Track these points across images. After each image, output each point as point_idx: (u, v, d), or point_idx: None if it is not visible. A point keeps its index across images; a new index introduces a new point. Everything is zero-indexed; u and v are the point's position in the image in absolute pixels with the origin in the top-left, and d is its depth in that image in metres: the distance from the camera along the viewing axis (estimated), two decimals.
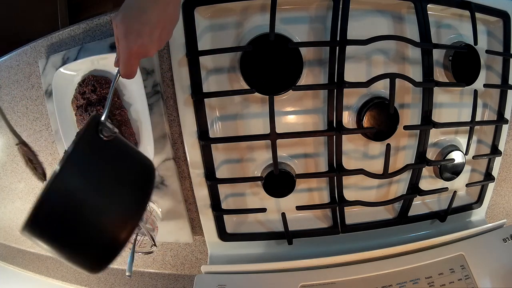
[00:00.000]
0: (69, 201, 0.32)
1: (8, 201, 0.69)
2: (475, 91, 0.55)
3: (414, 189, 0.58)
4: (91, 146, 0.35)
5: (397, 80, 0.49)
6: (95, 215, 0.34)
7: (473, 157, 0.59)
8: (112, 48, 0.54)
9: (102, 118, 0.37)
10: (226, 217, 0.58)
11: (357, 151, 0.56)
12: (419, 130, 0.55)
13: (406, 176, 0.58)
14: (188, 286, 0.68)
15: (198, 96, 0.50)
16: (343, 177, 0.55)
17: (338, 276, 0.50)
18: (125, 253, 0.68)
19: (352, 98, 0.54)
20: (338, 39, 0.49)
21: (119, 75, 0.38)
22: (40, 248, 0.34)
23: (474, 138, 0.61)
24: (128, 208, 0.36)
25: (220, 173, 0.56)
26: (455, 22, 0.56)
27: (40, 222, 0.31)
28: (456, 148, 0.58)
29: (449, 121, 0.56)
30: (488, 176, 0.62)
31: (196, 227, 0.62)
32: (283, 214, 0.56)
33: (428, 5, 0.51)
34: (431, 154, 0.59)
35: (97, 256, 0.35)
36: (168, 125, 0.56)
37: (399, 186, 0.60)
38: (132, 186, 0.38)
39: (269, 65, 0.50)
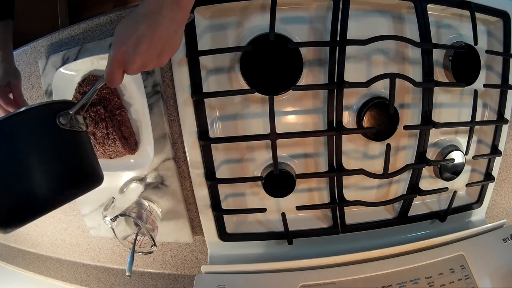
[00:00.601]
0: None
1: None
2: (475, 91, 0.55)
3: (414, 189, 0.58)
4: (42, 121, 0.37)
5: (397, 80, 0.49)
6: (10, 173, 0.36)
7: (473, 157, 0.59)
8: None
9: (71, 111, 0.38)
10: (226, 217, 0.58)
11: (357, 151, 0.56)
12: (419, 130, 0.55)
13: (406, 176, 0.58)
14: (188, 286, 0.68)
15: (198, 96, 0.50)
16: (343, 177, 0.55)
17: (338, 276, 0.50)
18: (125, 253, 0.68)
19: (352, 98, 0.54)
20: (338, 39, 0.49)
21: (103, 80, 0.38)
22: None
23: (474, 138, 0.61)
24: (48, 189, 0.38)
25: (220, 173, 0.56)
26: (455, 22, 0.56)
27: None
28: (456, 148, 0.58)
29: (449, 121, 0.56)
30: (488, 176, 0.62)
31: (196, 227, 0.62)
32: (283, 214, 0.56)
33: (428, 5, 0.51)
34: (431, 154, 0.59)
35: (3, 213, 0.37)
36: (168, 125, 0.56)
37: (399, 186, 0.60)
38: (59, 175, 0.39)
39: (269, 65, 0.50)
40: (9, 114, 0.35)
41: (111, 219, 0.53)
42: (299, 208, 0.55)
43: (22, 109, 0.36)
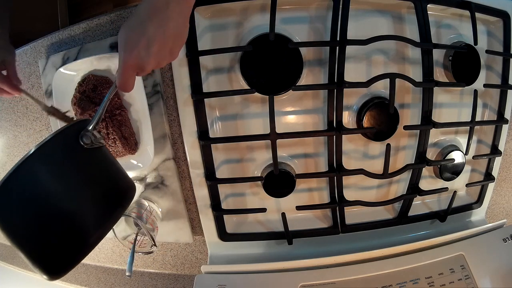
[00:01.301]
0: (33, 190, 0.32)
1: None
2: (475, 91, 0.55)
3: (414, 189, 0.58)
4: (67, 147, 0.35)
5: (397, 80, 0.49)
6: (55, 212, 0.34)
7: (473, 157, 0.59)
8: (112, 48, 0.54)
9: (90, 127, 0.37)
10: (226, 217, 0.58)
11: (357, 151, 0.56)
12: (419, 130, 0.55)
13: (406, 176, 0.58)
14: (188, 286, 0.68)
15: (198, 96, 0.50)
16: (343, 177, 0.55)
17: (338, 276, 0.50)
18: (125, 253, 0.68)
19: (352, 98, 0.54)
20: (338, 39, 0.49)
21: (116, 88, 0.37)
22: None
23: (474, 138, 0.61)
24: (93, 218, 0.36)
25: (220, 173, 0.56)
26: (455, 22, 0.56)
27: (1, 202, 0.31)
28: (456, 148, 0.58)
29: (449, 121, 0.56)
30: (488, 176, 0.62)
31: (196, 227, 0.62)
32: (283, 214, 0.56)
33: (428, 5, 0.51)
34: (431, 154, 0.59)
35: (53, 257, 0.35)
36: (168, 125, 0.56)
37: (399, 186, 0.60)
38: (102, 199, 0.37)
39: (269, 65, 0.50)
40: (28, 154, 0.32)
41: None
42: (299, 208, 0.55)
43: (41, 143, 0.33)
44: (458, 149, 0.58)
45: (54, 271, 0.35)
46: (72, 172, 0.35)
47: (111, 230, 0.54)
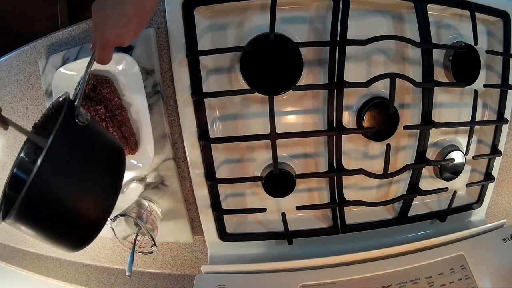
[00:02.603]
0: (52, 188, 0.34)
1: None
2: (475, 91, 0.55)
3: (414, 189, 0.58)
4: (69, 133, 0.36)
5: (397, 80, 0.49)
6: (75, 199, 0.35)
7: (473, 157, 0.59)
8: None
9: (76, 103, 0.37)
10: (226, 217, 0.58)
11: (357, 151, 0.56)
12: (419, 130, 0.55)
13: (406, 176, 0.58)
14: (188, 286, 0.68)
15: (198, 96, 0.50)
16: (343, 177, 0.55)
17: (338, 276, 0.50)
18: (125, 253, 0.68)
19: (352, 98, 0.54)
20: (338, 39, 0.49)
21: (94, 60, 0.39)
22: (29, 236, 0.35)
23: (474, 138, 0.61)
24: (105, 189, 0.38)
25: (220, 173, 0.56)
26: (455, 22, 0.56)
27: (26, 210, 0.32)
28: (456, 148, 0.58)
29: (449, 121, 0.56)
30: (488, 176, 0.62)
31: (196, 227, 0.62)
32: (283, 214, 0.56)
33: (428, 5, 0.51)
34: (431, 154, 0.59)
35: (78, 236, 0.38)
36: (168, 125, 0.56)
37: (399, 186, 0.60)
38: (106, 168, 0.39)
39: (269, 65, 0.50)
40: (45, 150, 0.32)
41: (111, 219, 0.53)
42: (299, 208, 0.55)
43: (52, 137, 0.33)
44: (458, 149, 0.58)
45: (80, 245, 0.38)
46: (80, 154, 0.36)
47: (112, 230, 0.54)
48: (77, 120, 0.36)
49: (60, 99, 0.42)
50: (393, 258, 0.52)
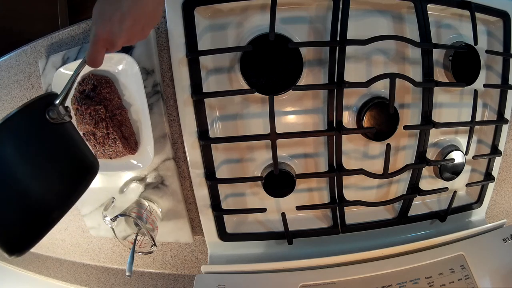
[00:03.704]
0: None
1: None
2: (475, 91, 0.55)
3: (414, 189, 0.58)
4: (33, 120, 0.34)
5: (397, 80, 0.49)
6: (16, 188, 0.33)
7: (473, 157, 0.59)
8: None
9: (56, 102, 0.36)
10: (226, 217, 0.58)
11: (357, 151, 0.56)
12: (419, 130, 0.55)
13: (406, 176, 0.58)
14: (188, 286, 0.68)
15: (198, 96, 0.50)
16: (343, 177, 0.55)
17: (338, 276, 0.50)
18: (125, 253, 0.68)
19: (352, 98, 0.54)
20: (338, 39, 0.49)
21: (85, 62, 0.37)
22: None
23: (474, 138, 0.61)
24: (55, 195, 0.36)
25: (220, 173, 0.56)
26: (455, 22, 0.56)
27: None
28: (456, 148, 0.58)
29: (449, 121, 0.56)
30: (488, 176, 0.62)
31: (196, 227, 0.62)
32: (283, 214, 0.56)
33: (428, 5, 0.51)
34: (431, 154, 0.59)
35: (13, 234, 0.34)
36: (168, 125, 0.56)
37: (399, 186, 0.60)
38: (64, 175, 0.37)
39: (269, 65, 0.50)
40: None
41: (111, 219, 0.53)
42: (299, 208, 0.55)
43: (9, 115, 0.32)
44: (458, 149, 0.58)
45: (14, 249, 0.33)
46: (35, 146, 0.34)
47: (112, 230, 0.54)
48: (47, 115, 0.35)
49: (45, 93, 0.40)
50: (393, 258, 0.52)
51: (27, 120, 0.34)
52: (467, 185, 0.61)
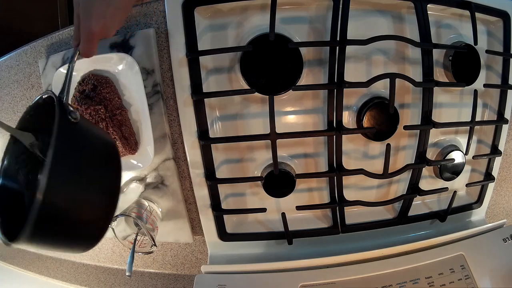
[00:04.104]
0: (63, 194, 0.31)
1: None
2: (475, 91, 0.55)
3: (414, 189, 0.58)
4: (68, 131, 0.33)
5: (397, 80, 0.49)
6: (85, 200, 0.33)
7: (473, 157, 0.59)
8: (112, 48, 0.54)
9: (64, 100, 0.36)
10: (226, 217, 0.58)
11: (357, 151, 0.56)
12: (419, 130, 0.55)
13: (406, 176, 0.58)
14: (188, 286, 0.68)
15: (198, 96, 0.50)
16: (343, 177, 0.55)
17: (338, 276, 0.50)
18: (125, 253, 0.68)
19: (352, 98, 0.54)
20: (338, 39, 0.49)
21: (78, 53, 0.38)
22: (55, 253, 0.34)
23: (474, 138, 0.61)
24: (109, 183, 0.36)
25: (220, 173, 0.56)
26: (455, 22, 0.56)
27: (40, 226, 0.29)
28: (456, 148, 0.58)
29: (449, 121, 0.56)
30: (488, 176, 0.62)
31: (196, 227, 0.62)
32: (283, 214, 0.56)
33: (428, 5, 0.51)
34: (431, 154, 0.59)
35: (87, 238, 0.35)
36: (168, 125, 0.56)
37: (399, 186, 0.60)
38: (106, 162, 0.37)
39: (269, 65, 0.50)
40: (49, 160, 0.29)
41: None
42: (299, 208, 0.55)
43: (53, 143, 0.30)
44: (458, 149, 0.58)
45: (89, 246, 0.36)
46: (80, 151, 0.34)
47: (112, 230, 0.54)
48: (70, 117, 0.33)
49: (41, 100, 0.38)
50: (393, 258, 0.52)
51: (66, 133, 0.32)
52: (467, 185, 0.61)
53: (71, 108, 0.35)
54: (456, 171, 0.58)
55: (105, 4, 0.35)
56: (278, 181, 0.53)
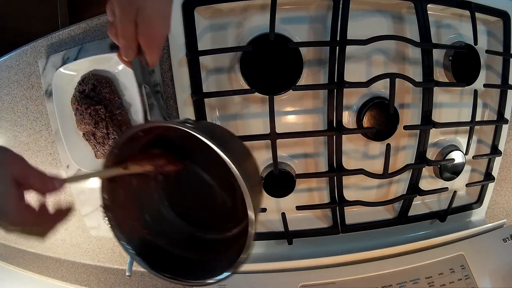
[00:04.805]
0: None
1: None
2: (475, 91, 0.55)
3: (414, 189, 0.58)
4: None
5: (397, 80, 0.49)
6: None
7: (473, 157, 0.59)
8: (112, 48, 0.53)
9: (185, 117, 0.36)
10: None
11: (357, 151, 0.56)
12: (419, 130, 0.55)
13: (406, 176, 0.58)
14: (188, 286, 0.68)
15: (198, 96, 0.50)
16: (343, 177, 0.55)
17: (338, 276, 0.50)
18: (125, 253, 0.68)
19: (352, 98, 0.54)
20: (338, 39, 0.49)
21: (147, 65, 0.34)
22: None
23: (474, 138, 0.61)
24: None
25: None
26: (455, 22, 0.56)
27: None
28: (456, 148, 0.58)
29: (449, 121, 0.56)
30: (488, 176, 0.62)
31: None
32: (283, 214, 0.56)
33: (428, 5, 0.51)
34: (431, 154, 0.59)
35: None
36: None
37: (399, 186, 0.60)
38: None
39: (269, 65, 0.50)
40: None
41: None
42: (299, 208, 0.55)
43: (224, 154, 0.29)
44: (458, 149, 0.58)
45: None
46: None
47: (111, 230, 0.54)
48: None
49: (146, 125, 0.34)
50: (393, 258, 0.52)
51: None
52: (467, 185, 0.61)
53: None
54: (456, 171, 0.58)
55: (168, 6, 0.33)
56: (278, 181, 0.53)
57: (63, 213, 0.35)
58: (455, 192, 0.59)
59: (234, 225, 0.39)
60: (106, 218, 0.39)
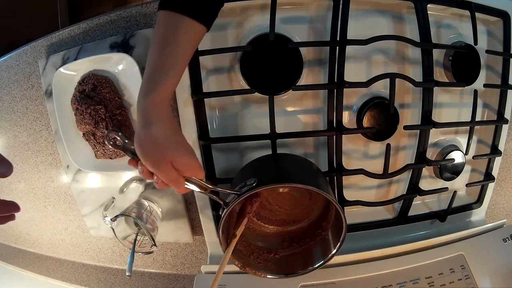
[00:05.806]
0: None
1: None
2: (475, 91, 0.55)
3: (414, 189, 0.58)
4: None
5: (397, 80, 0.49)
6: None
7: (473, 157, 0.59)
8: (112, 48, 0.54)
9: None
10: None
11: (357, 151, 0.56)
12: (419, 130, 0.55)
13: (406, 176, 0.58)
14: (188, 286, 0.68)
15: (198, 96, 0.50)
16: (343, 177, 0.55)
17: (338, 276, 0.50)
18: (125, 253, 0.68)
19: (352, 98, 0.54)
20: (338, 39, 0.49)
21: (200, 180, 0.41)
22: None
23: (474, 138, 0.61)
24: None
25: (219, 173, 0.56)
26: (455, 22, 0.56)
27: None
28: (456, 148, 0.58)
29: (449, 121, 0.56)
30: (488, 176, 0.62)
31: (196, 227, 0.62)
32: None
33: (428, 5, 0.51)
34: (431, 154, 0.59)
35: None
36: None
37: (399, 186, 0.60)
38: None
39: (269, 65, 0.50)
40: None
41: (111, 219, 0.53)
42: None
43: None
44: (458, 149, 0.58)
45: None
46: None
47: (112, 230, 0.54)
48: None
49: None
50: (393, 258, 0.52)
51: None
52: (467, 185, 0.61)
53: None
54: (456, 171, 0.58)
55: (188, 150, 0.38)
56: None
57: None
58: (455, 192, 0.59)
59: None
60: (262, 275, 0.50)
